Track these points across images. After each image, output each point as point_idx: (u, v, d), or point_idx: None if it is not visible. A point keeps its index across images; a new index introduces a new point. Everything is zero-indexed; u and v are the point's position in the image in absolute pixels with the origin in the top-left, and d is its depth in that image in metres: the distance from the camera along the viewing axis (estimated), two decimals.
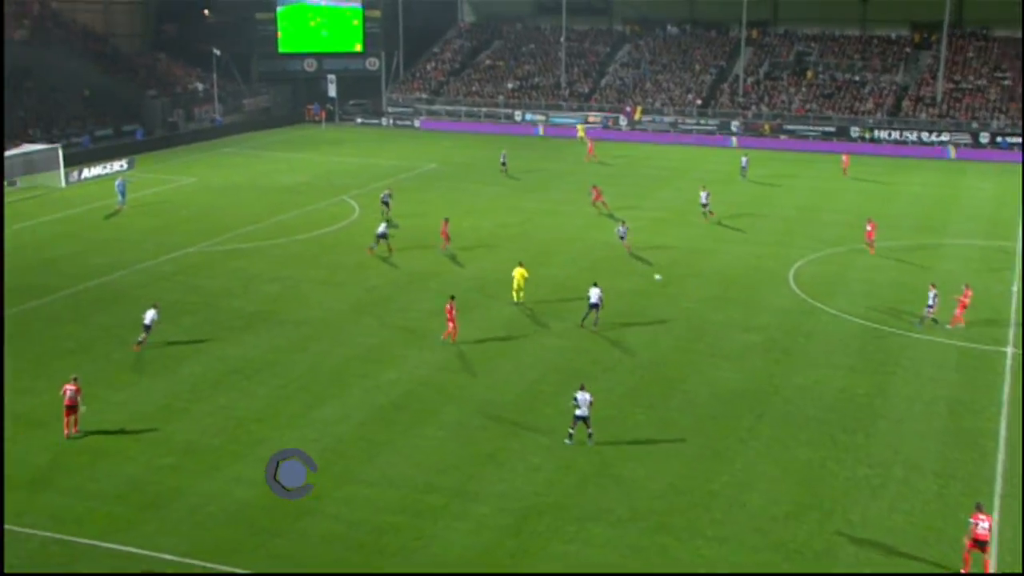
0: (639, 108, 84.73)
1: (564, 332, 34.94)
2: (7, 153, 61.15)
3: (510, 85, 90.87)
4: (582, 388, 26.87)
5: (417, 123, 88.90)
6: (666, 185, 61.08)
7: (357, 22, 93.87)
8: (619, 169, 67.55)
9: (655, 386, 30.63)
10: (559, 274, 41.69)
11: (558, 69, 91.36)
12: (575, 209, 53.39)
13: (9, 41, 79.68)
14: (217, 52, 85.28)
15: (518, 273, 37.58)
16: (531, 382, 30.55)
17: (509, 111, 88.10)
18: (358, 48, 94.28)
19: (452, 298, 34.52)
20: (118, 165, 65.63)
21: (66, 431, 26.75)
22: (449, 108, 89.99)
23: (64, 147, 64.95)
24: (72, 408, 26.77)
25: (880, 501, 24.04)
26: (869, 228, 45.89)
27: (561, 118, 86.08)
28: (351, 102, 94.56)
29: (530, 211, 53.80)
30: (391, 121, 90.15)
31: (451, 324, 33.56)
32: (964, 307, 35.44)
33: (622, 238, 44.92)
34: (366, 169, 67.12)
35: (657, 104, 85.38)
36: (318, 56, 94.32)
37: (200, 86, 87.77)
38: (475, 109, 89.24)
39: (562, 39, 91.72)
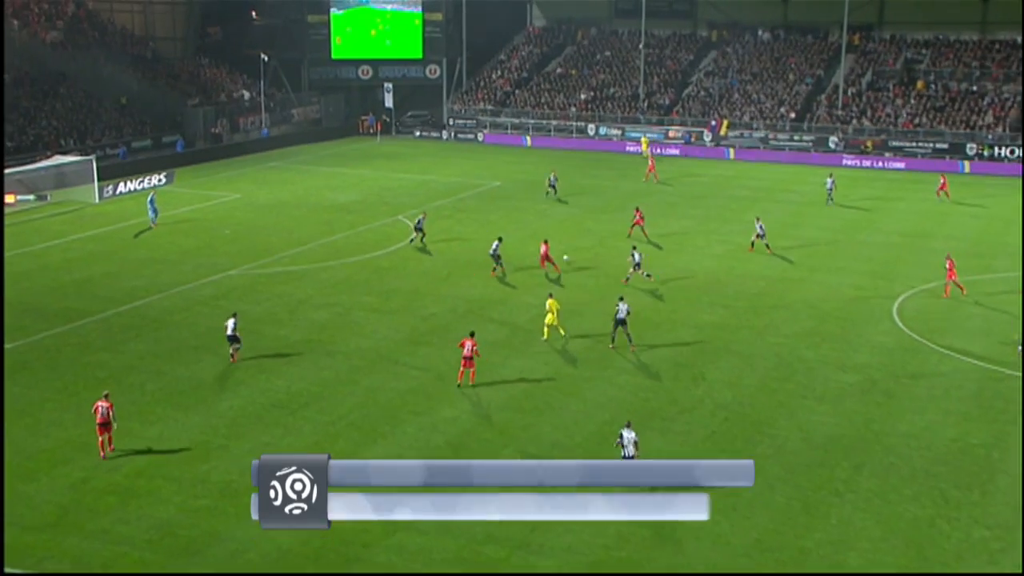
0: (726, 122, 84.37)
1: (638, 369, 34.79)
2: (38, 165, 63.07)
3: (583, 96, 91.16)
4: (628, 426, 26.99)
5: (480, 136, 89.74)
6: (752, 207, 60.60)
7: (417, 24, 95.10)
8: (701, 189, 67.32)
9: (739, 430, 30.34)
10: (635, 304, 41.63)
11: (636, 78, 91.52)
12: (652, 232, 53.32)
13: (40, 43, 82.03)
14: (265, 57, 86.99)
15: (551, 304, 37.30)
16: (601, 423, 30.44)
17: (582, 124, 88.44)
18: (417, 54, 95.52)
19: (472, 334, 33.34)
20: (156, 179, 67.01)
21: (101, 452, 28.01)
22: (516, 121, 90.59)
23: (99, 159, 66.55)
24: (105, 426, 28.05)
25: (1000, 567, 23.34)
26: (948, 265, 43.26)
27: (638, 132, 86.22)
28: (409, 113, 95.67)
29: (603, 234, 53.86)
30: (452, 134, 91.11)
31: (464, 364, 32.67)
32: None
33: (637, 266, 43.96)
34: (424, 186, 67.75)
35: (746, 118, 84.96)
36: (374, 63, 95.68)
37: (246, 94, 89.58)
38: (544, 122, 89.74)
39: (641, 45, 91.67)
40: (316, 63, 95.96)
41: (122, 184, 64.63)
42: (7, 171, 60.75)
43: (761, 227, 50.63)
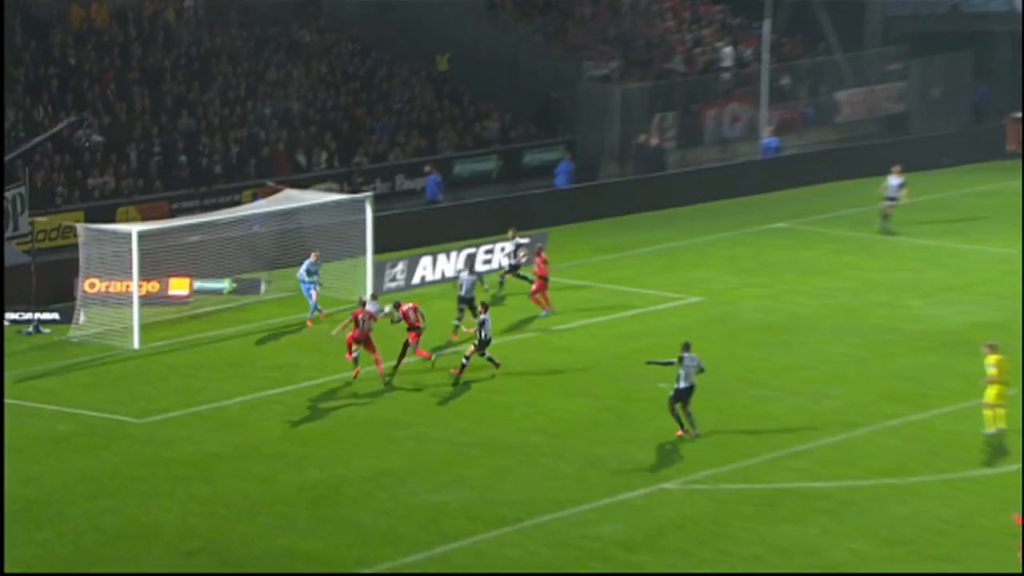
0: None
1: None
2: (242, 212, 66.30)
3: None
4: None
5: None
6: None
7: None
8: None
9: None
10: None
11: None
12: None
13: None
14: None
15: (994, 362, 47.68)
16: None
17: None
18: None
19: None
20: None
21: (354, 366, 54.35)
22: None
23: (379, 198, 69.79)
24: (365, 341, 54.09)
25: None
26: None
27: None
28: None
29: None
30: None
31: None
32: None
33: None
34: None
35: None
36: None
37: (727, 54, 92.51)
38: None
39: None
40: None
41: (428, 259, 67.01)
42: (163, 225, 63.46)
43: None
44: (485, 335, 55.94)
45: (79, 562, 41.03)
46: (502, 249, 68.63)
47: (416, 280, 67.11)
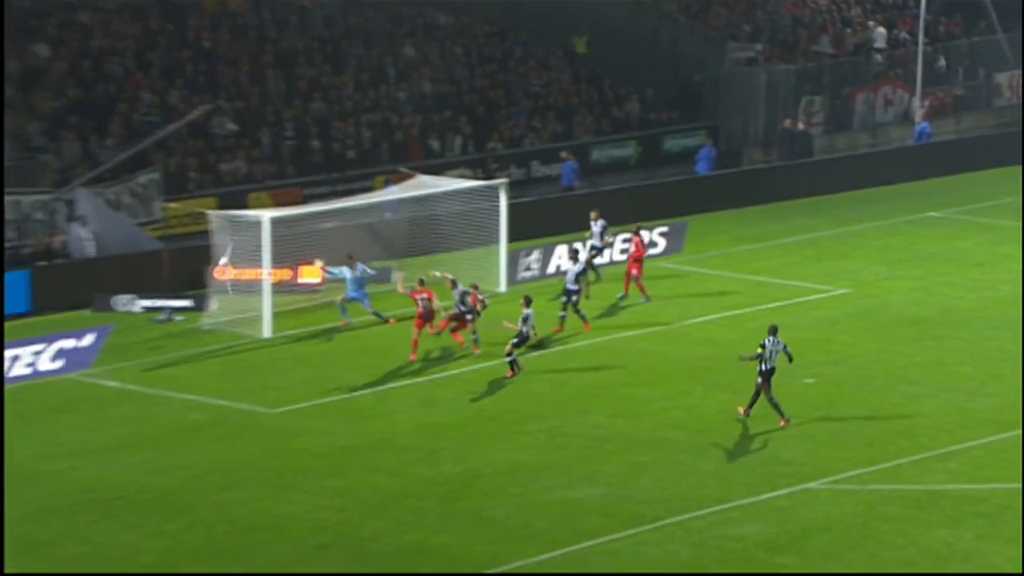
0: None
1: None
2: (370, 199, 67.13)
3: None
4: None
5: None
6: None
7: None
8: None
9: None
10: None
11: None
12: None
13: None
14: None
15: None
16: None
17: None
18: None
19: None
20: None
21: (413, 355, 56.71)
22: None
23: (514, 184, 70.54)
24: (428, 317, 57.54)
25: None
26: None
27: None
28: None
29: None
30: None
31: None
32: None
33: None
34: None
35: None
36: None
37: (879, 32, 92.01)
38: None
39: None
40: None
41: (563, 248, 66.97)
42: (295, 211, 64.32)
43: None
44: (527, 331, 56.60)
45: (208, 554, 42.09)
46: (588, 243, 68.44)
47: (551, 269, 67.46)
